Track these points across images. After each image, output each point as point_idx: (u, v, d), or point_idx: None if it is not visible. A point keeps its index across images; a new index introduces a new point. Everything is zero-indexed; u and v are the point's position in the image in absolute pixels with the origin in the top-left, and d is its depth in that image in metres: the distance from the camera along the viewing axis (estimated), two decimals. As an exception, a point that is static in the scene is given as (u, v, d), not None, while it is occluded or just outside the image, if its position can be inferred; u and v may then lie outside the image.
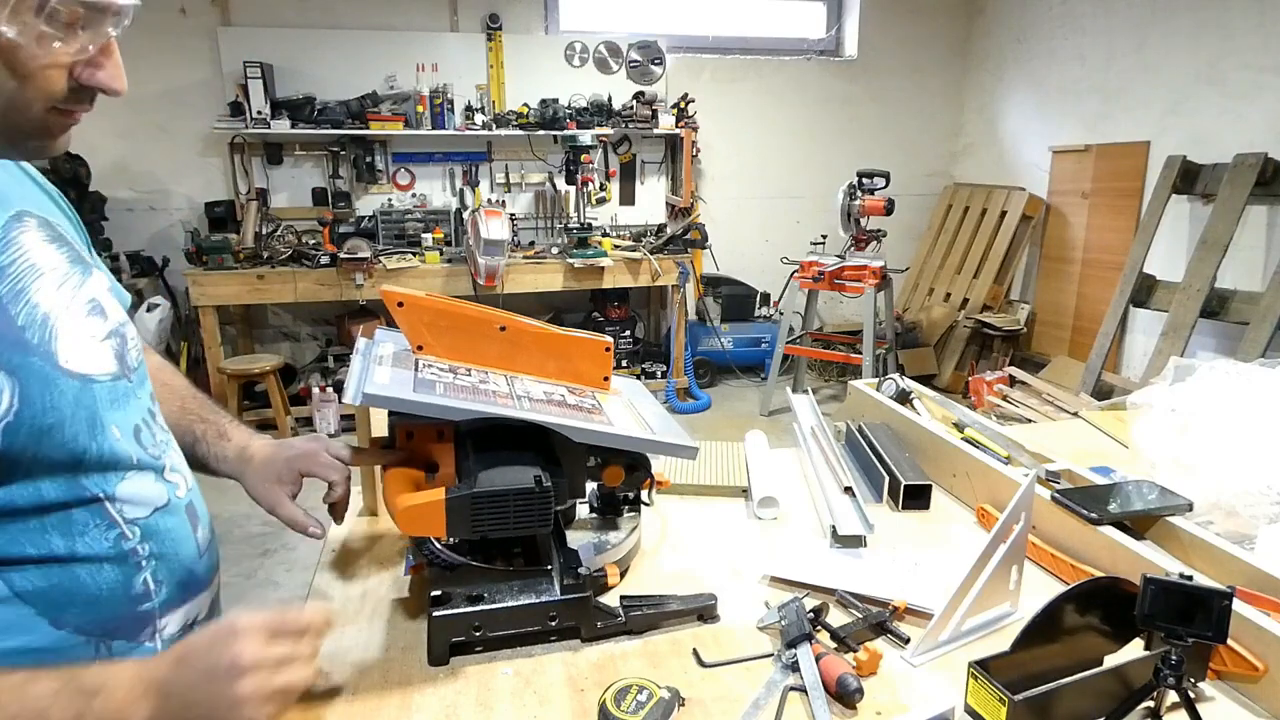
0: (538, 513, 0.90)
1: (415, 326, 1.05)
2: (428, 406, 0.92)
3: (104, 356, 0.76)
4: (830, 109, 5.80)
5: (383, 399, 0.91)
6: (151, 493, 0.78)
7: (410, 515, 0.88)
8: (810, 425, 1.60)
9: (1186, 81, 4.25)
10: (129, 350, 0.82)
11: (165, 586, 0.79)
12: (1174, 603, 0.80)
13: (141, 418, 0.80)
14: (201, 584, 0.85)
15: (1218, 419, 1.33)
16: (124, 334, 0.82)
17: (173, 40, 4.61)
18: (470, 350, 1.08)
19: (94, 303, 0.79)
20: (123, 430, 0.76)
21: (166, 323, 4.64)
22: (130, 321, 0.86)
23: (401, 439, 1.00)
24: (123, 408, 0.77)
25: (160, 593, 0.78)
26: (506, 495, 0.89)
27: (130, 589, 0.75)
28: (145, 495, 0.77)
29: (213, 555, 0.89)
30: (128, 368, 0.80)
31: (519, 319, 1.11)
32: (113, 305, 0.83)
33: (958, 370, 5.28)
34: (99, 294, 0.80)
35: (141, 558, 0.76)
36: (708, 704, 0.87)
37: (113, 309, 0.82)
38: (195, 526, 0.85)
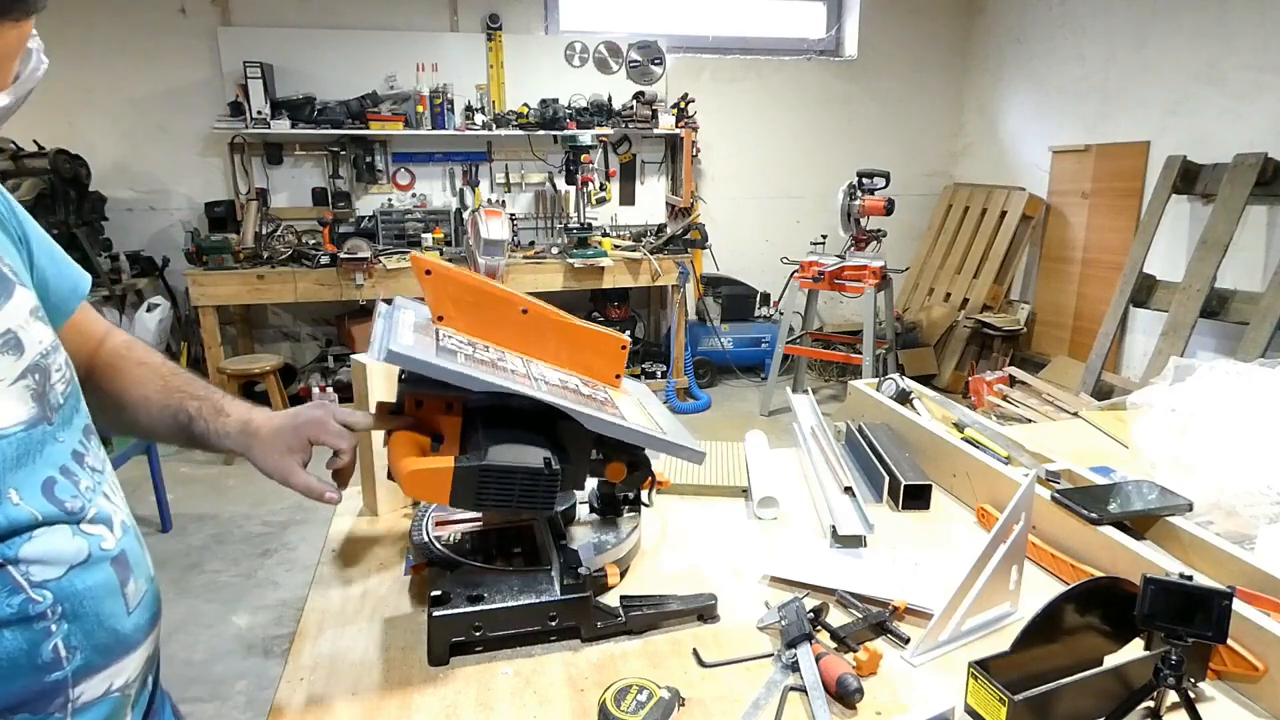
0: (542, 495, 0.90)
1: (439, 297, 1.03)
2: (450, 373, 0.91)
3: (11, 404, 0.66)
4: (830, 109, 5.80)
5: (408, 359, 0.89)
6: (66, 549, 0.68)
7: (417, 479, 0.88)
8: (810, 425, 1.60)
9: (1186, 81, 4.25)
10: (52, 384, 0.72)
11: (81, 652, 0.68)
12: (1174, 603, 0.80)
13: (60, 465, 0.70)
14: (129, 645, 0.74)
15: (1218, 419, 1.33)
16: (46, 365, 0.71)
17: (173, 40, 4.62)
18: (490, 328, 1.07)
19: (7, 336, 0.68)
20: (26, 490, 0.66)
21: (166, 323, 4.65)
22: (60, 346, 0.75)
23: (410, 407, 0.98)
24: (31, 462, 0.67)
25: (74, 659, 0.68)
26: (515, 472, 0.89)
27: (36, 657, 0.65)
28: (58, 553, 0.67)
29: (149, 610, 0.78)
30: (49, 407, 0.70)
31: (541, 304, 1.10)
32: (35, 333, 0.71)
33: (958, 370, 5.28)
34: (16, 321, 0.69)
35: (51, 621, 0.66)
36: (708, 704, 0.87)
37: (34, 337, 0.71)
38: (125, 580, 0.74)
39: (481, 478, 0.88)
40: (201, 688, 2.43)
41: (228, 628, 2.72)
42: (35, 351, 0.70)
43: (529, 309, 1.08)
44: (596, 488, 1.18)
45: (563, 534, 1.07)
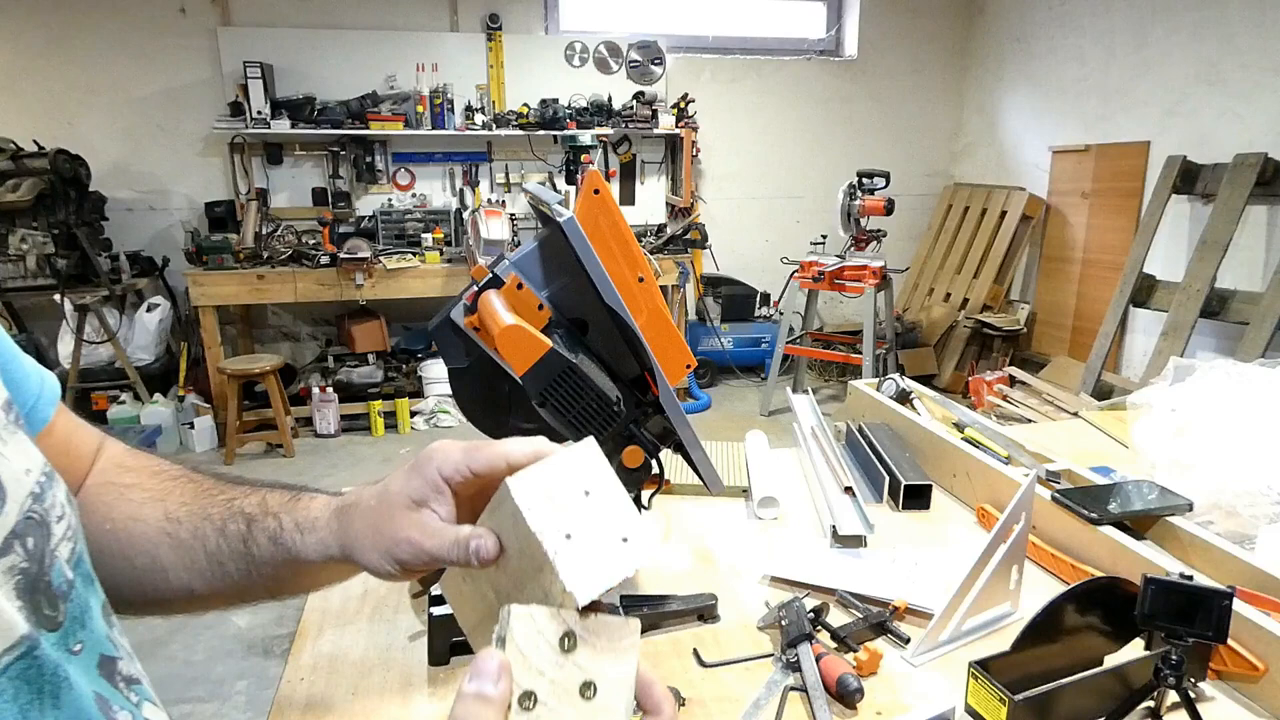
0: (598, 424, 0.93)
1: (590, 216, 1.03)
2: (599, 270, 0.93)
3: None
4: (830, 109, 5.80)
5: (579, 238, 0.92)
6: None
7: (512, 335, 0.88)
8: (810, 425, 1.60)
9: (1186, 81, 4.25)
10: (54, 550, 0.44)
11: None
12: (1174, 603, 0.80)
13: (82, 700, 0.42)
14: None
15: (1218, 419, 1.33)
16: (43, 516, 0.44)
17: (173, 40, 4.62)
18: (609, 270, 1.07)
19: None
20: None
21: (166, 323, 4.65)
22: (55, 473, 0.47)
23: (511, 284, 0.99)
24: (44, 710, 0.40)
25: None
26: (590, 387, 0.91)
27: None
28: None
29: None
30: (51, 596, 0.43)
31: (655, 284, 1.11)
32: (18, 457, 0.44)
33: (958, 370, 5.28)
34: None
35: None
36: (708, 704, 0.87)
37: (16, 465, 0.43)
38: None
39: (563, 374, 0.89)
40: (201, 688, 2.43)
41: (228, 628, 2.72)
42: (24, 493, 0.43)
43: (646, 279, 1.08)
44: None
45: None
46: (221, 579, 0.58)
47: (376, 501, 0.54)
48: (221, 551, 0.57)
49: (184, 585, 0.57)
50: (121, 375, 4.31)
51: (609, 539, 0.44)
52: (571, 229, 0.92)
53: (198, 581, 0.58)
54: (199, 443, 4.34)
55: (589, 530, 0.44)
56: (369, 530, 0.53)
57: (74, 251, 4.08)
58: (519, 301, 0.98)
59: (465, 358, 1.04)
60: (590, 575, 0.42)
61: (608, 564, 0.43)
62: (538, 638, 0.41)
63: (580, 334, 1.01)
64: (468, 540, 0.48)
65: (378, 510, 0.53)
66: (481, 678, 0.40)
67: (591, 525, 0.44)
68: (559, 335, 0.97)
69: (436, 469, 0.52)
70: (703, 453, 1.05)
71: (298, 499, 0.58)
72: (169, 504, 0.59)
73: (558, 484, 0.45)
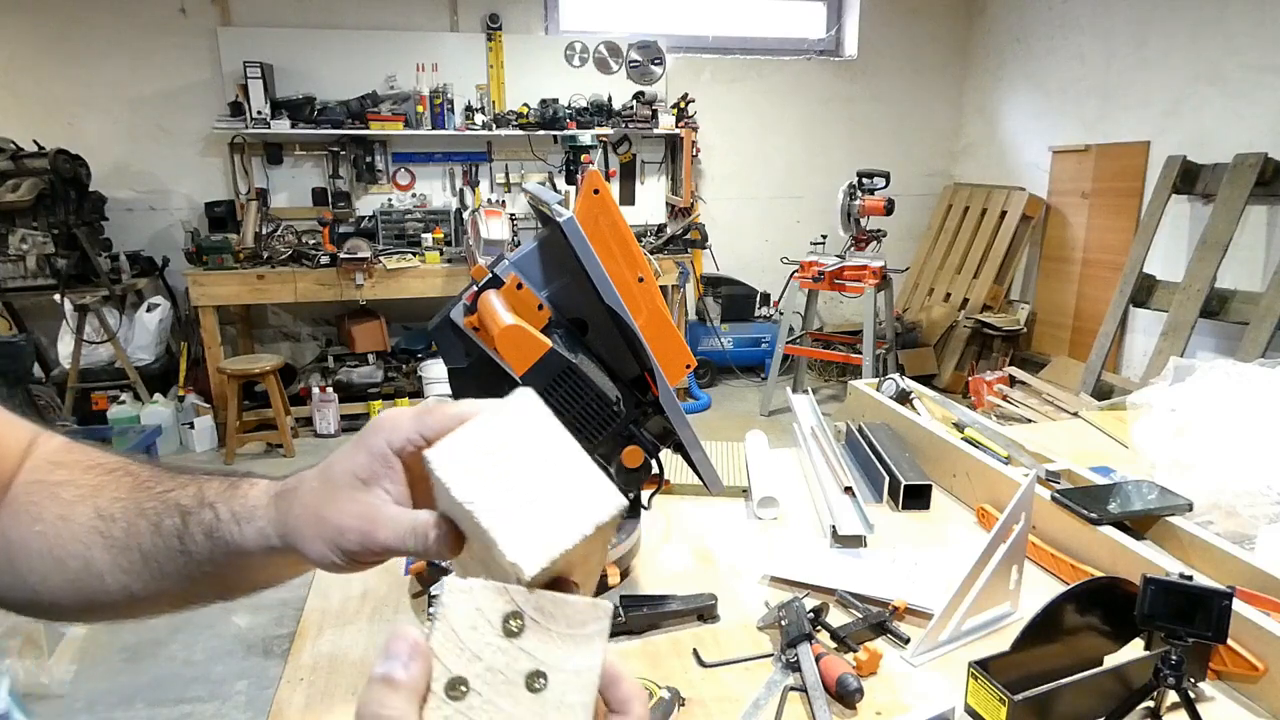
0: (596, 424, 0.93)
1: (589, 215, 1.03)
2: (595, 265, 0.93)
3: None
4: (830, 109, 5.80)
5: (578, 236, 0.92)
6: None
7: (512, 335, 0.89)
8: (810, 425, 1.60)
9: (1186, 81, 4.25)
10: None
11: None
12: (1174, 603, 0.80)
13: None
14: None
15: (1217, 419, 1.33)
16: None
17: (173, 40, 4.62)
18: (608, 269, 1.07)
19: None
20: None
21: (166, 323, 4.65)
22: None
23: (511, 284, 0.99)
24: None
25: None
26: (590, 388, 0.91)
27: None
28: None
29: None
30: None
31: (655, 284, 1.11)
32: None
33: (958, 370, 5.28)
34: None
35: None
36: (708, 704, 0.87)
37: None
38: None
39: (563, 374, 0.90)
40: (201, 688, 2.43)
41: (228, 628, 2.72)
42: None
43: (646, 279, 1.08)
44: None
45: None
46: (160, 580, 0.52)
47: (319, 483, 0.47)
48: (158, 549, 0.52)
49: (123, 588, 0.52)
50: (121, 375, 4.31)
51: (560, 498, 0.38)
52: (571, 229, 0.92)
53: (137, 583, 0.52)
54: (199, 443, 4.34)
55: (532, 490, 0.38)
56: (310, 516, 0.47)
57: (74, 251, 4.08)
58: (519, 301, 0.98)
59: (465, 358, 1.04)
60: (538, 542, 0.37)
61: (560, 526, 0.37)
62: (475, 616, 0.35)
63: (580, 334, 1.01)
64: (427, 530, 0.43)
65: (320, 492, 0.47)
66: (390, 659, 0.35)
67: (535, 485, 0.39)
68: (559, 335, 0.97)
69: (385, 441, 0.46)
70: (703, 453, 1.05)
71: (236, 486, 0.52)
72: (101, 500, 0.53)
73: (490, 445, 0.40)
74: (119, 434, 3.75)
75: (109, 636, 2.61)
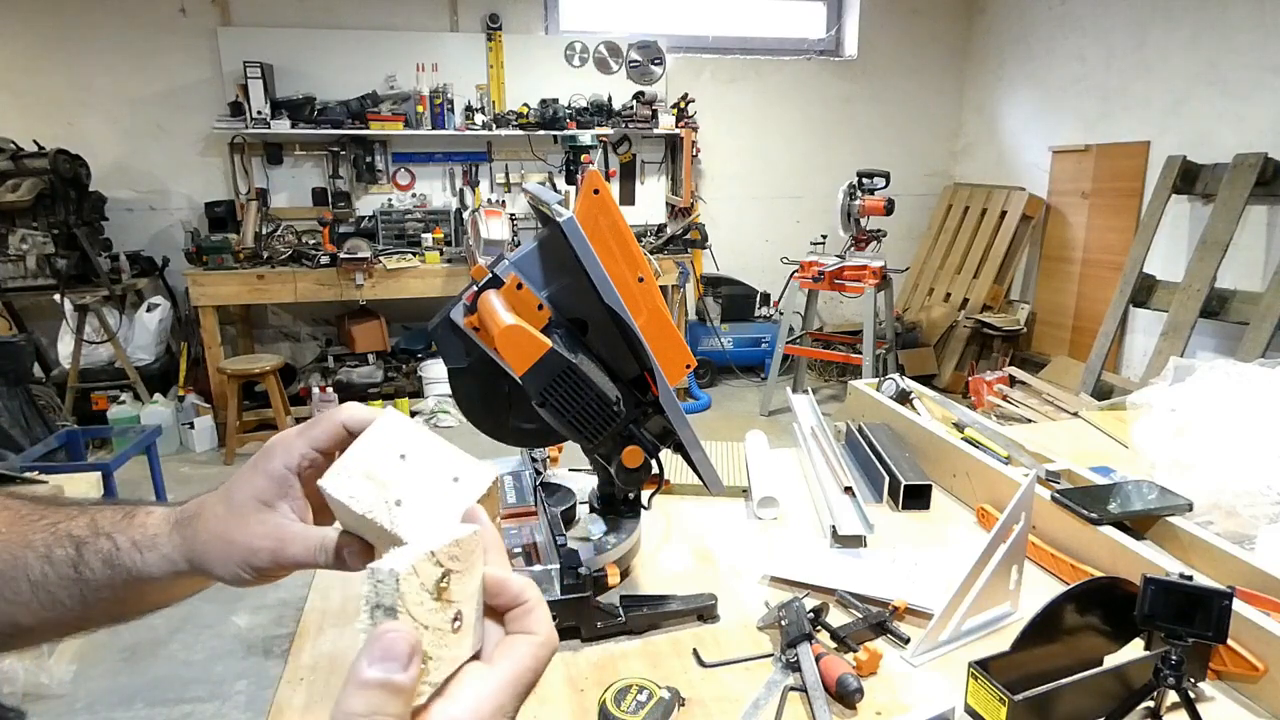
0: (595, 424, 0.93)
1: (589, 216, 1.03)
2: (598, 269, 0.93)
3: None
4: (830, 109, 5.80)
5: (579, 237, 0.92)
6: None
7: (512, 335, 0.89)
8: (810, 425, 1.60)
9: (1186, 81, 4.25)
10: None
11: None
12: (1174, 603, 0.80)
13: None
14: None
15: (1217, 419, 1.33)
16: None
17: (173, 40, 4.62)
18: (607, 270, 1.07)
19: None
20: None
21: (166, 323, 4.65)
22: None
23: (511, 284, 0.99)
24: None
25: None
26: (590, 388, 0.91)
27: None
28: None
29: None
30: None
31: (655, 284, 1.11)
32: None
33: (958, 370, 5.28)
34: None
35: None
36: (708, 704, 0.87)
37: None
38: None
39: (563, 374, 0.90)
40: (201, 688, 2.43)
41: (228, 628, 2.72)
42: None
43: (645, 279, 1.08)
44: (597, 488, 1.18)
45: (563, 533, 1.07)
46: (51, 608, 0.53)
47: (224, 509, 0.50)
48: (48, 579, 0.52)
49: (7, 619, 0.52)
50: (121, 375, 4.31)
51: (439, 487, 0.44)
52: (571, 229, 0.92)
53: (22, 614, 0.53)
54: (199, 443, 4.34)
55: (417, 487, 0.44)
56: (218, 541, 0.50)
57: (74, 251, 4.08)
58: (519, 301, 0.98)
59: (465, 358, 1.04)
60: (433, 526, 0.42)
61: (447, 507, 0.43)
62: (420, 592, 0.37)
63: (580, 334, 1.01)
64: (338, 549, 0.48)
65: (226, 519, 0.50)
66: (389, 660, 0.34)
67: (418, 482, 0.44)
68: (559, 335, 0.97)
69: (281, 464, 0.50)
70: (703, 453, 1.05)
71: (132, 515, 0.54)
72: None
73: (371, 460, 0.45)
74: (119, 434, 3.75)
75: (109, 636, 2.61)
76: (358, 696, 0.34)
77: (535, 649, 0.40)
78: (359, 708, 0.33)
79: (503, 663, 0.39)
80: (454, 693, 0.37)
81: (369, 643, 0.34)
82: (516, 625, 0.41)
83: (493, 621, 0.42)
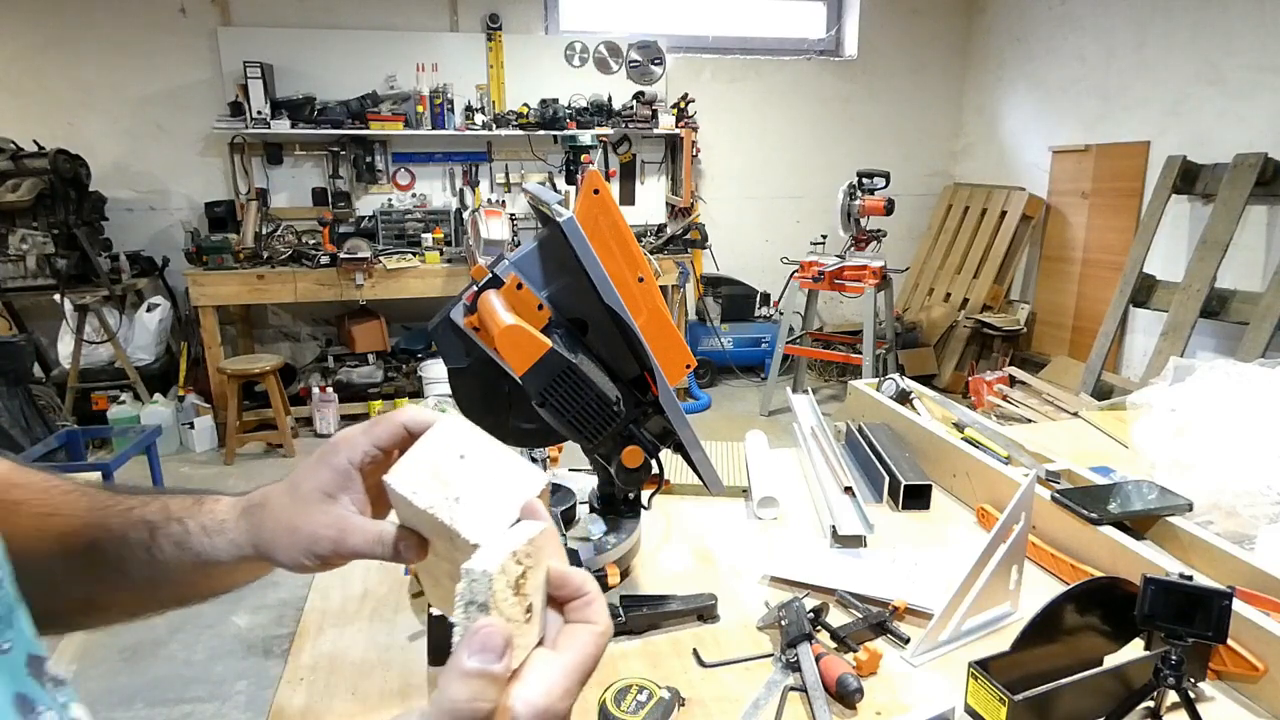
0: (596, 424, 0.93)
1: (589, 216, 1.03)
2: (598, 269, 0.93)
3: None
4: (830, 109, 5.80)
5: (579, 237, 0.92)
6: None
7: (512, 335, 0.89)
8: (810, 425, 1.60)
9: (1186, 81, 4.25)
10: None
11: None
12: (1174, 603, 0.80)
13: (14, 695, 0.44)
14: None
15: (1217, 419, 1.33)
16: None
17: (173, 40, 4.62)
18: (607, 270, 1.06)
19: None
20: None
21: (166, 323, 4.65)
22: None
23: (511, 284, 0.99)
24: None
25: None
26: (590, 388, 0.91)
27: None
28: None
29: None
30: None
31: (655, 284, 1.10)
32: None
33: (958, 370, 5.28)
34: None
35: None
36: (708, 704, 0.87)
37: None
38: None
39: (563, 374, 0.90)
40: (201, 688, 2.43)
41: (228, 628, 2.72)
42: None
43: (645, 279, 1.08)
44: (597, 488, 1.18)
45: (563, 533, 1.07)
46: (124, 588, 0.57)
47: (289, 499, 0.53)
48: (123, 561, 0.56)
49: (83, 597, 0.56)
50: (121, 375, 4.31)
51: (495, 486, 0.47)
52: (571, 229, 0.92)
53: (99, 592, 0.57)
54: (199, 443, 4.34)
55: (475, 486, 0.46)
56: (284, 529, 0.53)
57: (74, 251, 4.08)
58: (519, 301, 0.98)
59: (465, 358, 1.04)
60: (489, 522, 0.45)
61: (503, 505, 0.46)
62: (506, 589, 0.40)
63: (580, 334, 1.01)
64: (395, 542, 0.50)
65: (291, 508, 0.53)
66: (487, 652, 0.38)
67: (476, 481, 0.47)
68: (559, 335, 0.97)
69: (345, 459, 0.52)
70: (703, 453, 1.05)
71: (201, 503, 0.58)
72: (61, 519, 0.57)
73: (433, 459, 0.48)
74: (119, 434, 3.75)
75: (109, 637, 2.61)
76: (460, 685, 0.37)
77: (597, 638, 0.43)
78: (462, 695, 0.37)
79: (568, 650, 0.42)
80: (526, 677, 0.40)
81: (468, 636, 0.38)
82: (578, 615, 0.44)
83: (553, 610, 0.45)
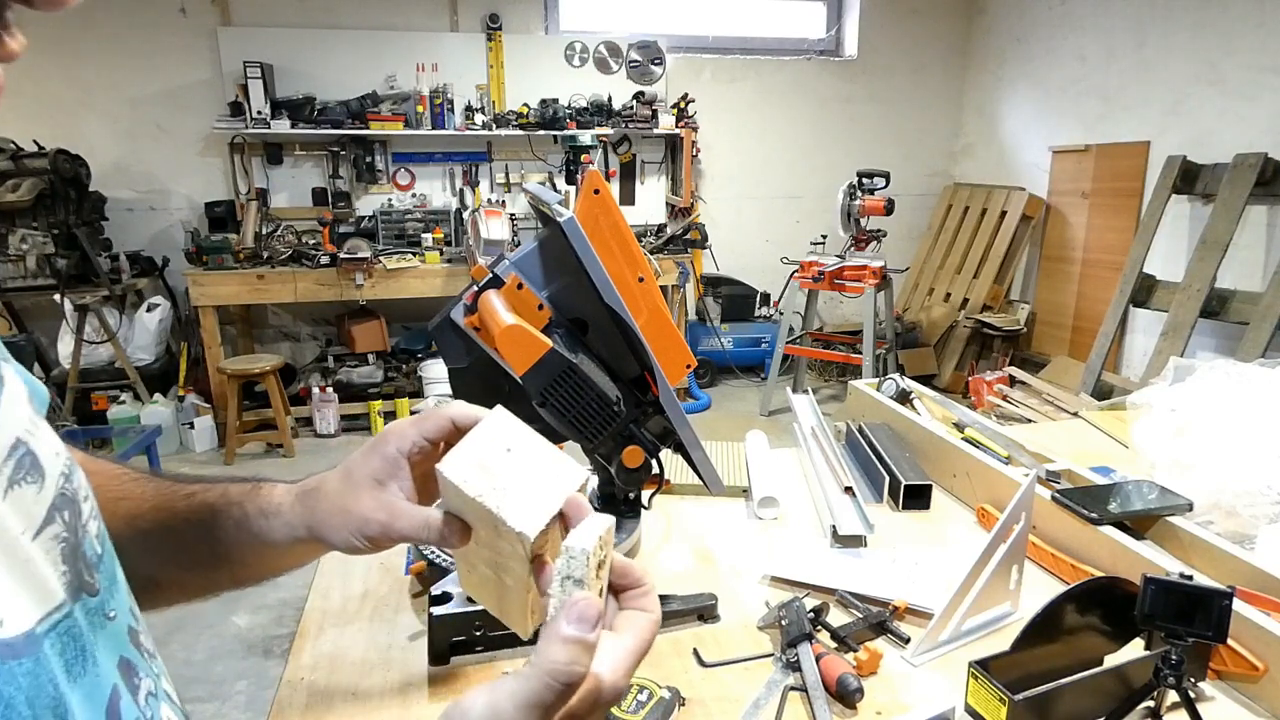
0: (596, 424, 0.93)
1: (590, 215, 1.03)
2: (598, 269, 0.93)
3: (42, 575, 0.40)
4: (830, 109, 5.80)
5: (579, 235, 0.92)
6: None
7: (513, 335, 0.89)
8: (810, 425, 1.60)
9: (1186, 81, 4.25)
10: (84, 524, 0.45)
11: None
12: (1174, 603, 0.80)
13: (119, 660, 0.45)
14: None
15: (1217, 419, 1.33)
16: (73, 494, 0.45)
17: (173, 40, 4.62)
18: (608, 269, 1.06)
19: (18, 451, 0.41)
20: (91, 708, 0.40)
21: (166, 323, 4.65)
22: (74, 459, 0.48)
23: (511, 284, 0.99)
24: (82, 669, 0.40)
25: None
26: (590, 388, 0.92)
27: None
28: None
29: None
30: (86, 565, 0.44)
31: (655, 284, 1.10)
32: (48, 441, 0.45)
33: (958, 370, 5.28)
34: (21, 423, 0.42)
35: None
36: (708, 704, 0.87)
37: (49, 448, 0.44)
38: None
39: (563, 374, 0.90)
40: (201, 688, 2.43)
41: (228, 628, 2.72)
42: (57, 472, 0.44)
43: (646, 279, 1.08)
44: (598, 488, 1.18)
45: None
46: (187, 568, 0.62)
47: (342, 484, 0.57)
48: (186, 543, 0.61)
49: (146, 576, 0.58)
50: (121, 375, 4.31)
51: (541, 478, 0.50)
52: (571, 229, 0.92)
53: (161, 571, 0.61)
54: (199, 443, 4.34)
55: (520, 478, 0.49)
56: (336, 511, 0.57)
57: (74, 251, 4.08)
58: (519, 301, 0.98)
59: (465, 357, 1.04)
60: (533, 513, 0.48)
61: (546, 498, 0.49)
62: (593, 569, 0.44)
63: (580, 334, 1.01)
64: (440, 527, 0.53)
65: (343, 492, 0.57)
66: (583, 622, 0.42)
67: (521, 473, 0.50)
68: (559, 335, 0.97)
69: (395, 448, 0.56)
70: (703, 453, 1.05)
71: (258, 488, 0.62)
72: (130, 502, 0.61)
73: (482, 451, 0.51)
74: (119, 434, 3.75)
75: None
76: (560, 648, 0.41)
77: (652, 625, 0.47)
78: (562, 657, 0.41)
79: (627, 633, 0.46)
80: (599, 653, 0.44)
81: (567, 606, 0.42)
82: (634, 603, 0.48)
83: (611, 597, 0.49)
